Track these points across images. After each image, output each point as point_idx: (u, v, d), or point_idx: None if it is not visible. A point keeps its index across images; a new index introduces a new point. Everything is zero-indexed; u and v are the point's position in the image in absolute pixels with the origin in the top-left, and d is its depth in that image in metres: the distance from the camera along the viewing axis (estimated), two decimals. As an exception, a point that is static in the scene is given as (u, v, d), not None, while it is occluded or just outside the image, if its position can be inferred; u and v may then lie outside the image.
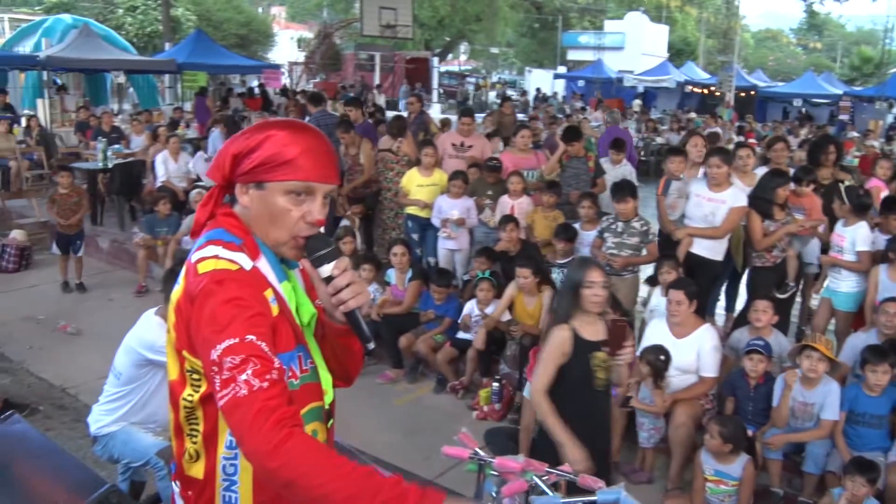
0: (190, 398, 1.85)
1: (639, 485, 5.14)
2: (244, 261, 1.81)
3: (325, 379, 2.03)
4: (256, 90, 23.14)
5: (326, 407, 2.04)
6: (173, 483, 2.01)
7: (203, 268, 1.78)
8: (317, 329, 2.03)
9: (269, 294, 1.82)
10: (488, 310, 6.44)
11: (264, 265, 1.88)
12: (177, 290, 1.85)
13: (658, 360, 5.07)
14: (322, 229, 1.94)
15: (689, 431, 5.08)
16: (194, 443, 1.88)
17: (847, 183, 6.71)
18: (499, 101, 31.16)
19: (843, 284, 6.11)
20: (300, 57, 33.24)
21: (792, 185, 6.50)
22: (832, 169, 7.22)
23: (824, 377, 4.84)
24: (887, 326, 5.22)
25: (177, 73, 20.33)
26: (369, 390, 6.61)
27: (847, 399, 4.85)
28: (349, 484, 1.58)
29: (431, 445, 5.23)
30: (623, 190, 6.25)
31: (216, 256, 1.79)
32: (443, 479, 5.10)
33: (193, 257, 1.84)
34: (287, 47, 46.84)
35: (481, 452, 3.06)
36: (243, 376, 1.65)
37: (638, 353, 5.26)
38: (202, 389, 1.82)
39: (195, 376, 1.83)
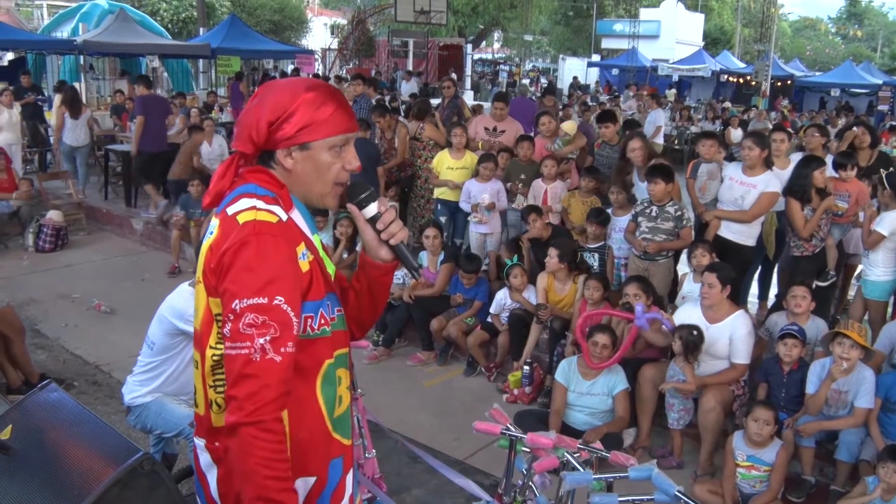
0: (219, 347, 1.88)
1: (668, 470, 5.10)
2: (281, 213, 1.89)
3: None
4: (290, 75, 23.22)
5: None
6: (195, 439, 2.03)
7: (243, 218, 1.83)
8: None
9: (300, 249, 1.89)
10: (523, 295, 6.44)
11: (297, 217, 1.97)
12: (209, 239, 1.89)
13: (691, 335, 5.04)
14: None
15: (718, 417, 5.06)
16: (220, 392, 1.91)
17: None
18: (532, 88, 31.02)
19: (872, 273, 6.00)
20: (333, 43, 33.26)
21: (831, 171, 6.42)
22: (869, 152, 7.11)
23: (859, 364, 4.77)
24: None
25: (211, 58, 20.43)
26: (400, 372, 6.64)
27: (883, 386, 4.78)
28: (274, 487, 1.77)
29: (461, 427, 5.24)
30: (654, 171, 6.18)
31: (254, 208, 1.85)
32: (472, 459, 5.12)
33: (229, 210, 1.88)
34: (320, 33, 46.85)
35: (513, 428, 3.06)
36: (261, 341, 1.76)
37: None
38: None
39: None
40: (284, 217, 1.89)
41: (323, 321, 1.94)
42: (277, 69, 27.05)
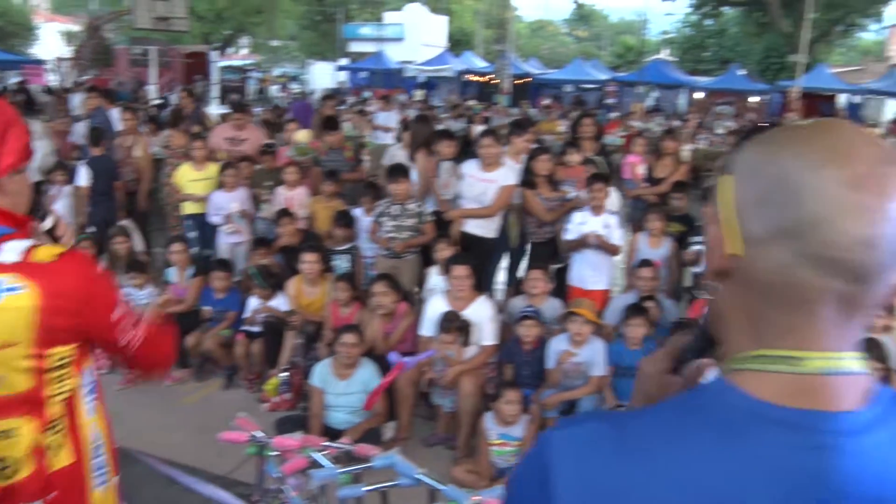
0: (61, 390, 1.92)
1: (429, 452, 5.31)
2: None
3: None
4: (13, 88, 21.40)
5: None
6: None
7: (45, 255, 1.85)
8: None
9: None
10: (271, 303, 6.41)
11: None
12: (21, 294, 1.80)
13: (465, 322, 5.33)
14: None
15: (476, 400, 5.31)
16: (58, 432, 1.93)
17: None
18: (282, 94, 30.75)
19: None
20: (69, 52, 31.11)
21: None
22: (594, 143, 7.77)
23: (590, 337, 5.24)
24: (643, 289, 5.73)
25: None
26: (156, 393, 6.37)
27: (613, 354, 5.28)
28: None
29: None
30: (396, 171, 6.41)
31: (37, 245, 1.88)
32: (237, 473, 5.03)
33: (5, 259, 1.82)
34: (53, 41, 43.78)
35: (258, 434, 3.08)
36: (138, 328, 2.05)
37: (432, 330, 5.45)
38: (71, 376, 1.94)
39: (64, 367, 1.92)
40: None
41: None
42: (2, 81, 24.95)
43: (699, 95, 28.04)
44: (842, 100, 27.34)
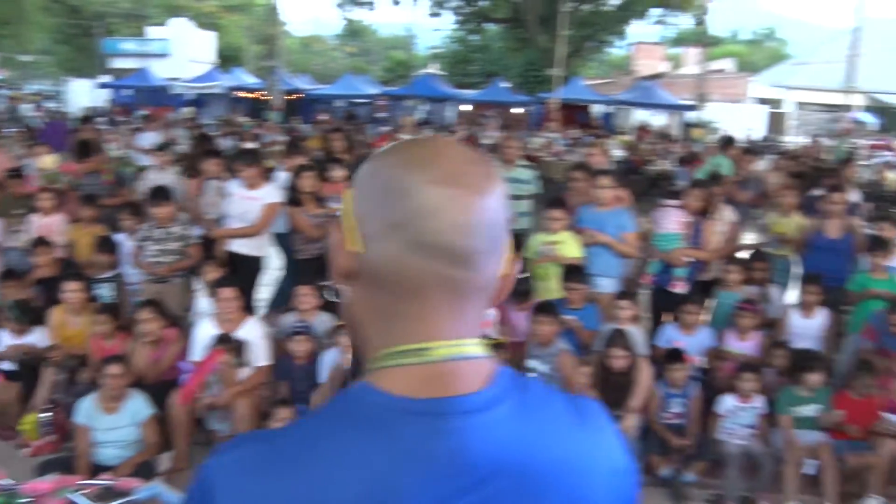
0: None
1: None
2: None
3: None
4: None
5: None
6: None
7: None
8: None
9: None
10: (27, 339, 6.00)
11: None
12: None
13: (238, 343, 5.27)
14: None
15: (251, 422, 5.27)
16: None
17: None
18: (38, 113, 28.74)
19: None
20: None
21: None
22: (348, 156, 7.97)
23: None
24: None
25: None
26: None
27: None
28: None
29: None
30: (158, 195, 6.24)
31: None
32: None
33: None
34: None
35: (3, 482, 2.92)
36: None
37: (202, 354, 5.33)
38: None
39: None
40: None
41: None
42: None
43: (466, 108, 29.16)
44: (596, 109, 29.49)
